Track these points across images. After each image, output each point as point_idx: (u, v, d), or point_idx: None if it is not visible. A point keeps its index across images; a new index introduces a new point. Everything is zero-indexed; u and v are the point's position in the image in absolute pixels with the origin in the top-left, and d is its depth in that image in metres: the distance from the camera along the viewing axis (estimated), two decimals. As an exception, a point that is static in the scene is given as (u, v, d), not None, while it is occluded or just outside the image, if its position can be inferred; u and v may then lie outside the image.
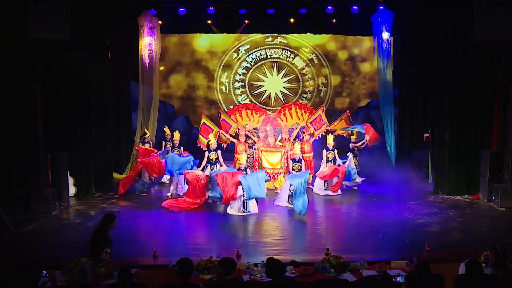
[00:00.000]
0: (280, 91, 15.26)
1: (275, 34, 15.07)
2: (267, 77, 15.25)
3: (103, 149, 12.69)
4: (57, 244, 7.80)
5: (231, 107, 14.48)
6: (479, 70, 11.47)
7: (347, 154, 12.43)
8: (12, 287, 5.24)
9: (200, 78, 15.25)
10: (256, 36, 15.11)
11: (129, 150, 14.21)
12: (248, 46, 15.22)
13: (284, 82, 15.27)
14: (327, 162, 12.10)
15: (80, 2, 10.57)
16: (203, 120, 13.08)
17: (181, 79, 15.25)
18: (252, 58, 15.25)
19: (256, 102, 14.77)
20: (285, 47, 15.27)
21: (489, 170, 10.88)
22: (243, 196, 10.13)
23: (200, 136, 12.94)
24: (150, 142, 13.26)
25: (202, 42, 15.10)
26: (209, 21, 13.85)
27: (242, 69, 15.28)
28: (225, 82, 15.28)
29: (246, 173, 10.60)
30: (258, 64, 15.29)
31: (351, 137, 12.84)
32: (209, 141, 11.70)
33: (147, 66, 14.02)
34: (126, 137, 14.36)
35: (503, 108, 11.01)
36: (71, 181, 11.30)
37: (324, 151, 12.24)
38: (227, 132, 12.85)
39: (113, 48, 13.27)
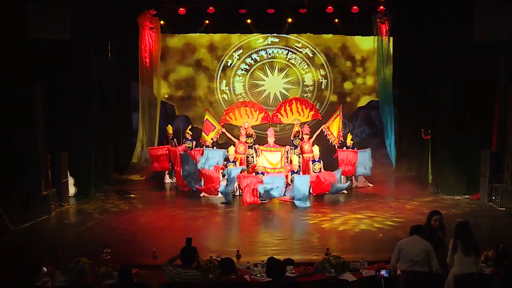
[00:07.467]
0: (280, 91, 15.25)
1: (275, 34, 15.06)
2: (267, 77, 15.24)
3: (103, 149, 12.69)
4: (57, 244, 7.78)
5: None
6: (479, 70, 11.47)
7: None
8: (12, 287, 5.24)
9: (200, 78, 15.24)
10: (256, 36, 15.09)
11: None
12: (248, 46, 15.20)
13: (284, 82, 15.26)
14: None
15: (80, 2, 10.57)
16: (207, 116, 13.05)
17: (181, 79, 15.23)
18: (251, 58, 15.24)
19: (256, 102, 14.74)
20: (285, 47, 15.26)
21: (489, 170, 10.87)
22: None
23: (203, 133, 12.93)
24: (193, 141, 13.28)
25: (202, 42, 15.08)
26: (209, 21, 13.87)
27: (242, 70, 15.27)
28: (225, 82, 15.27)
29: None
30: (258, 64, 15.27)
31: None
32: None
33: (147, 66, 14.03)
34: (126, 137, 14.35)
35: (503, 108, 11.01)
36: (71, 181, 11.30)
37: (310, 163, 12.12)
38: (207, 135, 12.75)
39: (113, 48, 13.29)
